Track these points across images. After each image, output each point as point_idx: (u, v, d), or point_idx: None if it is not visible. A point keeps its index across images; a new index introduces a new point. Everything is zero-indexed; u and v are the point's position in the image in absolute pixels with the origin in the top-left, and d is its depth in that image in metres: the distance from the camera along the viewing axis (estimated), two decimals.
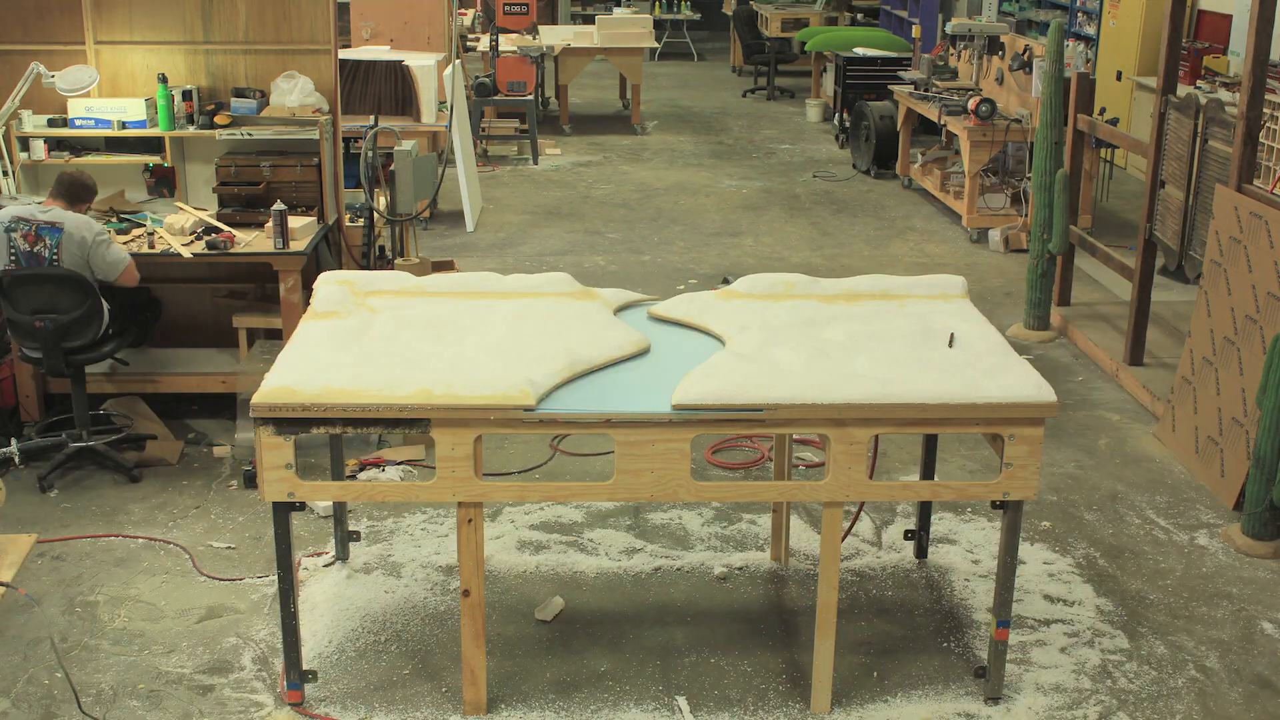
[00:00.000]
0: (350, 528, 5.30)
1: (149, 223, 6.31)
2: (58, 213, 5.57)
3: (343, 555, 5.20)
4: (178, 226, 6.23)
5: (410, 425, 4.00)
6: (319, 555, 5.22)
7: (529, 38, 13.39)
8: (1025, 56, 9.70)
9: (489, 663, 4.39)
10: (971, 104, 9.75)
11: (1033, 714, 4.32)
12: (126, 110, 6.44)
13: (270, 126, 6.44)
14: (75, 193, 5.69)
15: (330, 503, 5.30)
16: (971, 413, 4.03)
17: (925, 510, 5.24)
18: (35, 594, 4.88)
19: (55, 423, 6.17)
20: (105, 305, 5.70)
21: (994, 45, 10.58)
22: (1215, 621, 4.86)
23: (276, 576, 4.20)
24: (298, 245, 6.09)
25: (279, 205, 6.02)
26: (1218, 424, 5.90)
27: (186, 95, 6.48)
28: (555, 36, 13.98)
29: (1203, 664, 4.60)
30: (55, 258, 5.50)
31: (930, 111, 10.49)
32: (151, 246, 6.09)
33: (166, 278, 6.71)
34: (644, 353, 4.42)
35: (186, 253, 6.04)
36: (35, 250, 5.49)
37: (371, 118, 6.98)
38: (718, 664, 4.55)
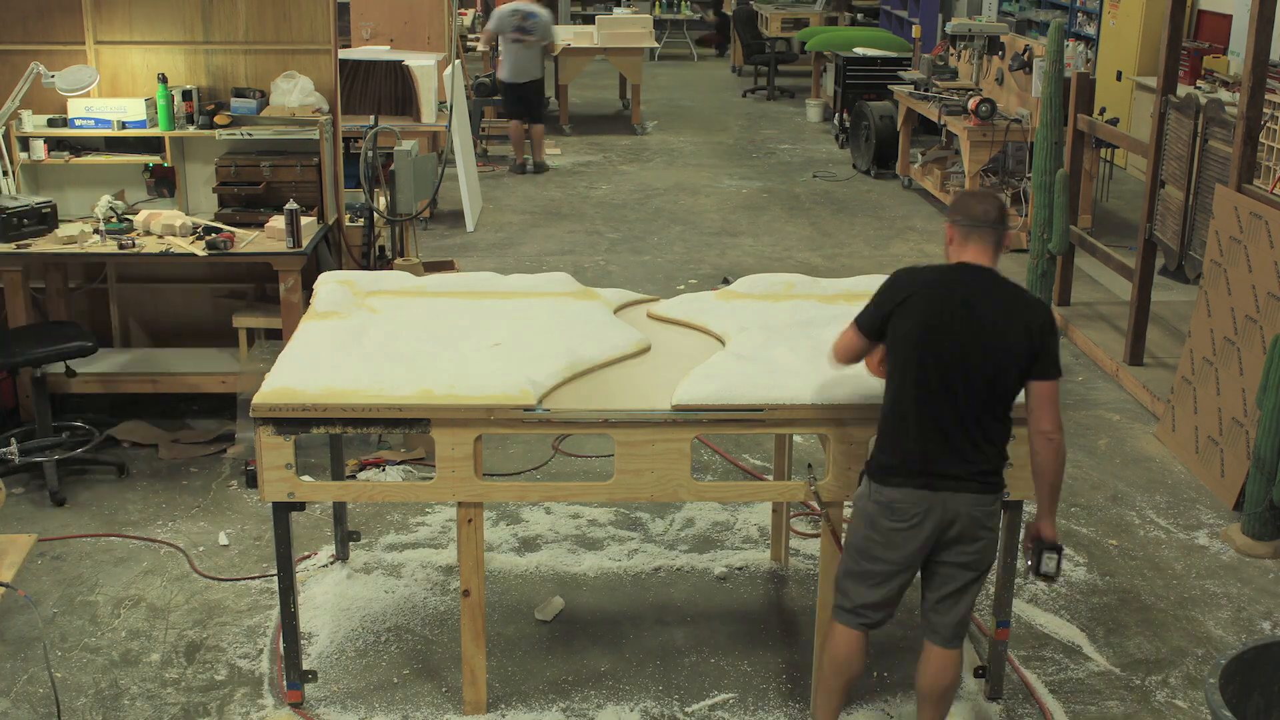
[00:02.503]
0: (350, 528, 5.30)
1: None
2: None
3: (343, 555, 5.20)
4: (176, 225, 6.24)
5: (410, 425, 4.00)
6: (319, 555, 5.22)
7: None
8: (1025, 56, 9.70)
9: (489, 663, 4.39)
10: (971, 104, 9.75)
11: (1032, 713, 4.32)
12: (126, 110, 6.43)
13: (270, 126, 6.44)
14: None
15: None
16: None
17: None
18: (35, 594, 4.88)
19: (55, 425, 6.18)
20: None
21: (994, 45, 10.58)
22: (1214, 621, 4.86)
23: (276, 576, 4.20)
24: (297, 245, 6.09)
25: (291, 205, 6.01)
26: (1218, 424, 5.93)
27: (186, 95, 6.48)
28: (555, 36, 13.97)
29: (1202, 664, 4.60)
30: None
31: (930, 111, 10.49)
32: (133, 245, 6.08)
33: (167, 278, 6.71)
34: (644, 352, 4.42)
35: (200, 250, 6.03)
36: None
37: (371, 118, 6.98)
38: (718, 664, 4.55)
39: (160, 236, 6.16)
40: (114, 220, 6.38)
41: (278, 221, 6.10)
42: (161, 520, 5.50)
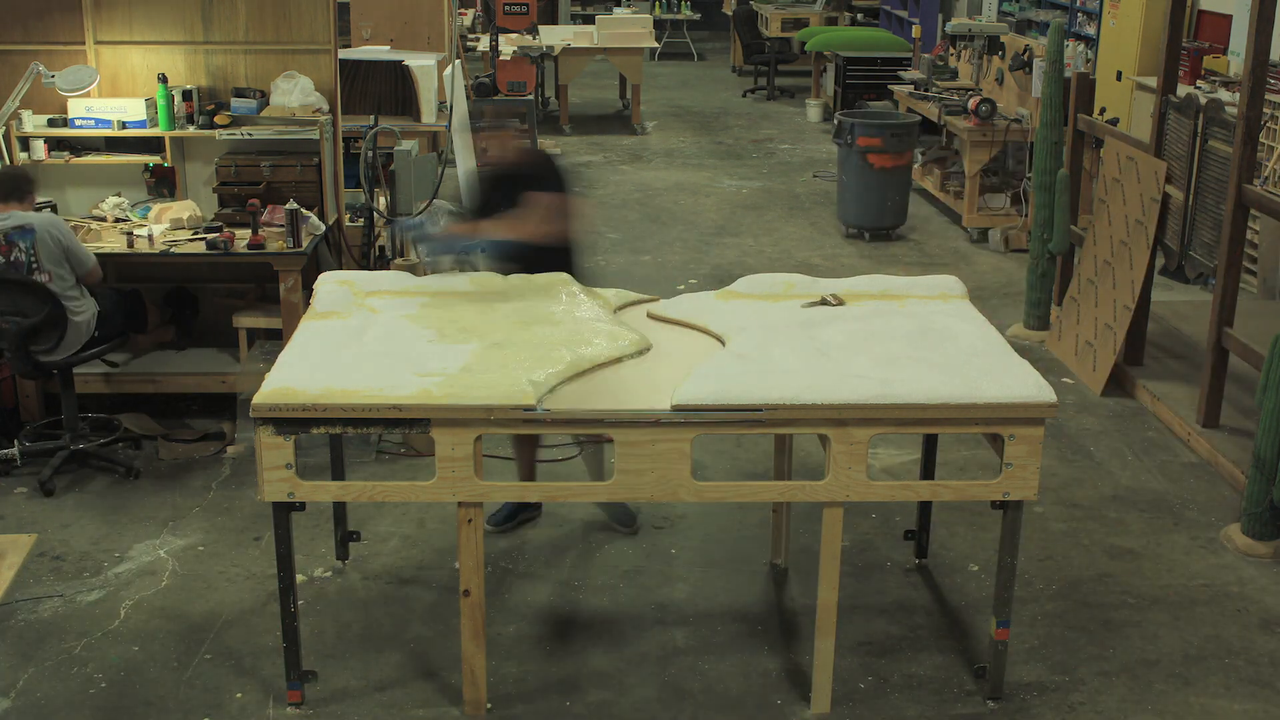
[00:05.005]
0: (350, 528, 5.30)
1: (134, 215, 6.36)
2: (20, 215, 5.55)
3: (343, 555, 5.20)
4: (185, 218, 6.26)
5: (410, 425, 4.00)
6: (319, 555, 5.22)
7: (529, 38, 13.39)
8: (1025, 56, 9.70)
9: (489, 663, 4.39)
10: (971, 104, 9.75)
11: (1031, 713, 4.32)
12: (126, 110, 6.44)
13: (270, 126, 6.44)
14: (17, 186, 5.63)
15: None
16: (971, 413, 4.03)
17: (925, 510, 5.24)
18: (34, 594, 4.89)
19: (54, 423, 6.18)
20: (76, 313, 5.64)
21: (994, 45, 10.58)
22: (1214, 622, 4.86)
23: (276, 576, 4.20)
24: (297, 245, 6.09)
25: (291, 204, 6.02)
26: (1094, 330, 7.03)
27: (186, 95, 6.48)
28: (555, 36, 13.98)
29: (1202, 665, 4.60)
30: (34, 260, 5.50)
31: (930, 111, 10.49)
32: (131, 245, 6.10)
33: (167, 278, 6.71)
34: (644, 352, 4.42)
35: (200, 250, 6.05)
36: (12, 259, 5.48)
37: (372, 118, 6.98)
38: (718, 664, 4.55)
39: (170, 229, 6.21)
40: (128, 219, 6.40)
41: (276, 214, 6.14)
42: (161, 519, 5.50)
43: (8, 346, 5.59)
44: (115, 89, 6.59)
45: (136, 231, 6.19)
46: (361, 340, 4.38)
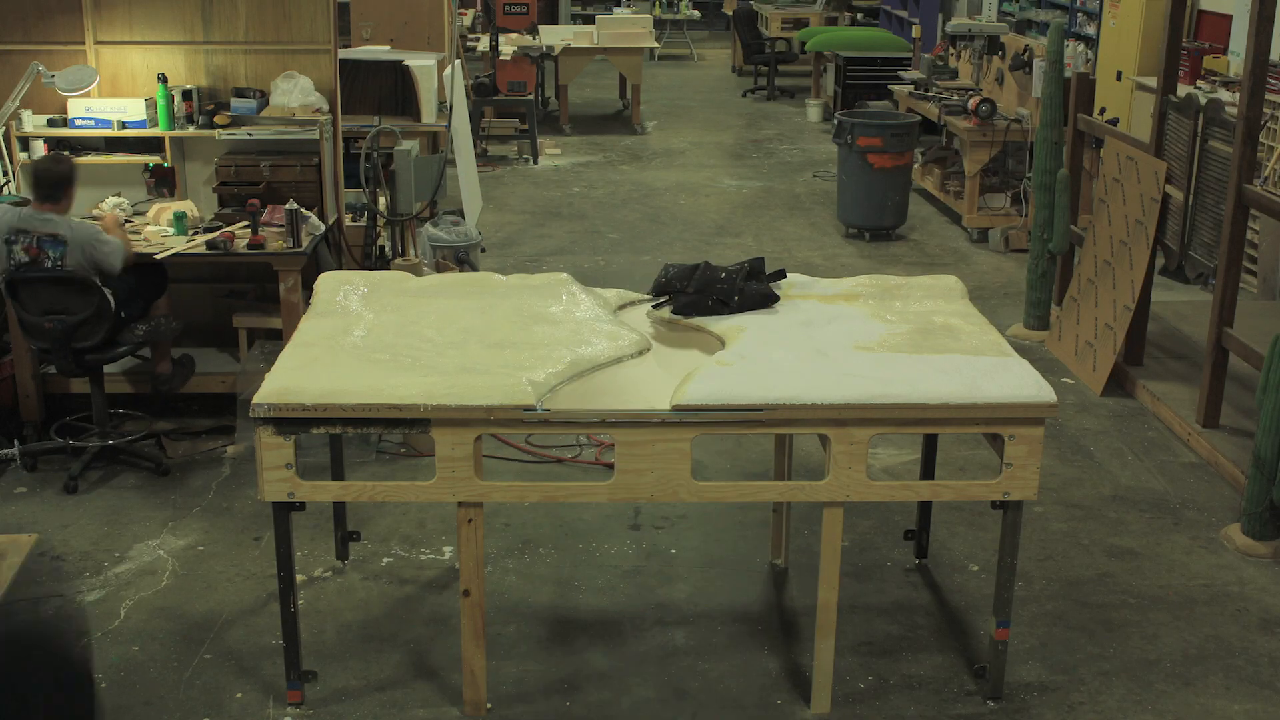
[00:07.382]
0: (350, 528, 5.30)
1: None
2: (57, 222, 5.55)
3: (343, 555, 5.20)
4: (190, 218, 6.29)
5: (410, 425, 4.01)
6: (318, 555, 5.22)
7: (529, 38, 13.39)
8: (1025, 56, 9.70)
9: (489, 663, 4.39)
10: (971, 104, 9.75)
11: (1031, 713, 4.32)
12: (126, 110, 6.44)
13: (270, 126, 6.44)
14: (56, 186, 5.58)
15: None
16: (971, 413, 4.03)
17: (925, 510, 5.25)
18: (34, 595, 4.89)
19: (58, 424, 6.18)
20: (111, 301, 5.66)
21: (994, 45, 10.58)
22: (1214, 622, 4.86)
23: (276, 576, 4.20)
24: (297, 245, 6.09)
25: (291, 204, 6.02)
26: (1094, 330, 7.04)
27: (186, 95, 6.49)
28: (555, 36, 13.98)
29: (1203, 665, 4.60)
30: (60, 266, 5.51)
31: (930, 111, 10.49)
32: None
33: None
34: (644, 352, 4.42)
35: (200, 250, 6.05)
36: (37, 260, 5.49)
37: (375, 119, 6.99)
38: (718, 664, 4.55)
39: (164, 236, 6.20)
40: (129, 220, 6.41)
41: (276, 214, 6.14)
42: (161, 519, 5.50)
43: (53, 346, 5.59)
44: (115, 89, 6.59)
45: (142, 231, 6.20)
46: (361, 340, 4.38)
